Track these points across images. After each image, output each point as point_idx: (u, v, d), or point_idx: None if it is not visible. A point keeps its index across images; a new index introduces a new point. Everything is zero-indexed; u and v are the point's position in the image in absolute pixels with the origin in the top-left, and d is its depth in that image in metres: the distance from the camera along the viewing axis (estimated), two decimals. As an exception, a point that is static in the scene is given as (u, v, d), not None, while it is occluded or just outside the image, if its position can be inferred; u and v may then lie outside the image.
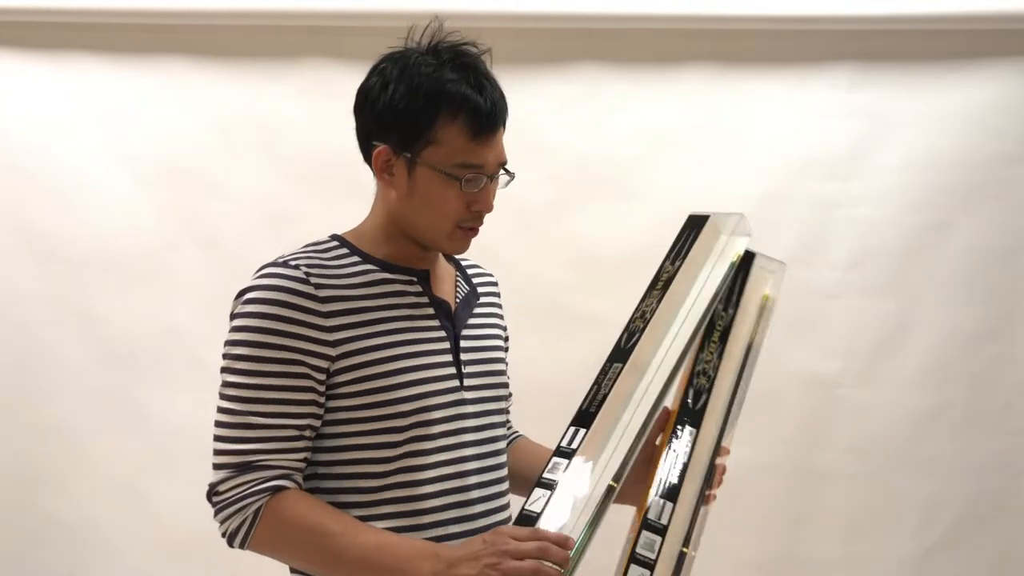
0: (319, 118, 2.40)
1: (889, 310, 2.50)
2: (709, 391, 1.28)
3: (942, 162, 2.49)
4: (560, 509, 1.14)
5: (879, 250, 2.50)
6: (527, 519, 1.14)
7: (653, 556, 1.17)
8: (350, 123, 1.32)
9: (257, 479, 1.19)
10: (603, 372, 1.24)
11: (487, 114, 1.24)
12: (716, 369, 1.29)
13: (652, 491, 1.24)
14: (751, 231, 1.34)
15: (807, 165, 2.49)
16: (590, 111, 2.47)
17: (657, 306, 1.26)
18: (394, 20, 2.43)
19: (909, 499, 2.50)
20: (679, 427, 1.27)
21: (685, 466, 1.24)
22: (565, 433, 1.20)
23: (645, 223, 2.47)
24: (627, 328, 1.26)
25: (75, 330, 2.39)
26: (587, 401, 1.22)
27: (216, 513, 1.22)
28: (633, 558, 1.18)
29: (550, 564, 1.09)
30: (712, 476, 1.26)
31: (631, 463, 1.18)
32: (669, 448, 1.27)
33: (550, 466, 1.17)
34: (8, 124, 2.40)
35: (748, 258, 1.34)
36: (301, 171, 2.41)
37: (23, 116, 2.40)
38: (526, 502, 1.16)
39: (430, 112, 1.23)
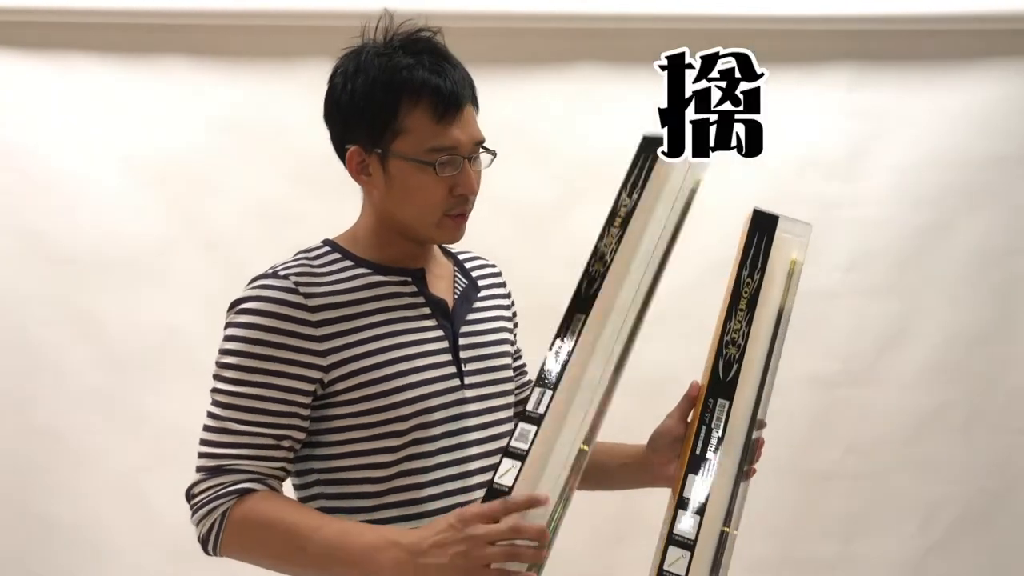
0: (319, 118, 2.40)
1: (889, 310, 2.50)
2: (740, 361, 1.21)
3: (942, 162, 2.49)
4: (532, 483, 1.08)
5: (879, 250, 2.50)
6: (497, 494, 1.08)
7: (693, 537, 1.13)
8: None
9: (227, 482, 1.20)
10: (564, 323, 1.17)
11: (449, 93, 1.21)
12: (746, 338, 1.22)
13: (687, 469, 1.18)
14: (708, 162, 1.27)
15: (807, 165, 2.49)
16: (590, 111, 2.47)
17: (617, 247, 1.20)
18: (395, 20, 2.46)
19: (909, 499, 2.50)
20: (711, 400, 1.20)
21: (720, 440, 1.18)
22: (530, 395, 1.14)
23: (645, 223, 2.47)
24: (586, 273, 1.20)
25: (75, 330, 2.39)
26: (550, 359, 1.16)
27: (191, 516, 1.22)
28: (672, 540, 1.14)
29: (525, 542, 1.05)
30: (750, 450, 1.21)
31: (601, 423, 1.14)
32: (702, 424, 1.20)
33: (517, 433, 1.11)
34: (8, 124, 2.39)
35: (771, 222, 1.27)
36: (301, 171, 2.41)
37: (23, 116, 2.40)
38: (495, 474, 1.10)
39: (391, 102, 1.21)
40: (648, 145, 1.26)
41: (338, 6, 2.37)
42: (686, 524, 1.13)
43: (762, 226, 1.27)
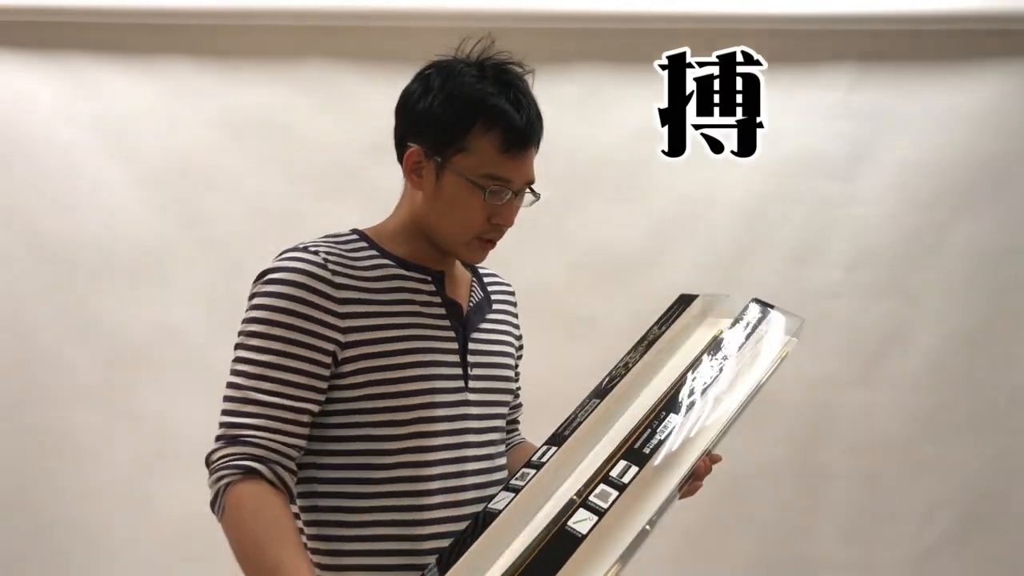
0: (320, 118, 2.40)
1: (889, 310, 2.50)
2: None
3: (942, 162, 2.49)
4: (520, 512, 1.16)
5: (879, 250, 2.50)
6: (490, 516, 1.16)
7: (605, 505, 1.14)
8: (352, 123, 1.32)
9: (239, 454, 1.19)
10: (582, 405, 1.27)
11: (521, 130, 1.27)
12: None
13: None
14: (733, 312, 1.34)
15: (807, 165, 2.49)
16: (590, 111, 2.47)
17: (639, 360, 1.29)
18: (395, 20, 2.46)
19: (909, 499, 2.50)
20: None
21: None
22: (538, 450, 1.22)
23: (645, 224, 2.47)
24: (610, 373, 1.30)
25: (75, 330, 2.39)
26: (563, 426, 1.24)
27: (208, 478, 1.22)
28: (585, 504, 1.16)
29: None
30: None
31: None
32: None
33: (519, 474, 1.20)
34: (8, 124, 2.40)
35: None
36: (302, 171, 2.41)
37: (23, 116, 2.40)
38: (491, 500, 1.19)
39: (467, 120, 1.26)
40: (682, 300, 1.36)
41: (337, 6, 2.37)
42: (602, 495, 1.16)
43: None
